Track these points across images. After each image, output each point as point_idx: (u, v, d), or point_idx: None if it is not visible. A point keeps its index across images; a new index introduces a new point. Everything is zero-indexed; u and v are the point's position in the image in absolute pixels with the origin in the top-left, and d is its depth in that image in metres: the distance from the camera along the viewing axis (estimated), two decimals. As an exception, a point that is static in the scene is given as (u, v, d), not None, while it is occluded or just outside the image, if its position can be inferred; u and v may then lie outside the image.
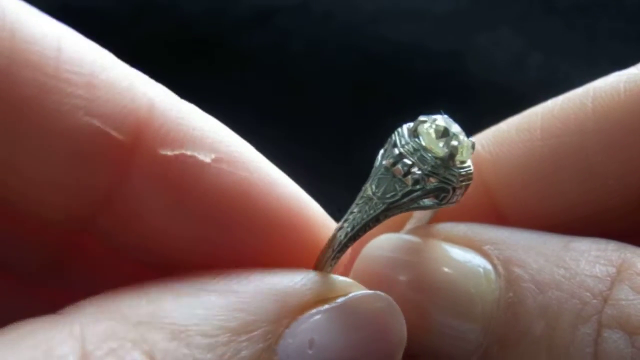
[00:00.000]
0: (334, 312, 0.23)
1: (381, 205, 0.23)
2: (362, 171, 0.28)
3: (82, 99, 0.21)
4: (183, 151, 0.22)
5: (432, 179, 0.23)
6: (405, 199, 0.23)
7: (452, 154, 0.23)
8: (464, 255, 0.25)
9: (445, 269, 0.25)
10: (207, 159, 0.22)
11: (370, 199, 0.24)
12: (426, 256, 0.25)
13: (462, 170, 0.24)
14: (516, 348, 0.24)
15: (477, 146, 0.27)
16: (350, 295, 0.23)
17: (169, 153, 0.22)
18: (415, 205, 0.24)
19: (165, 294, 0.21)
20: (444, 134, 0.24)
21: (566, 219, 0.27)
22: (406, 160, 0.23)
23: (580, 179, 0.26)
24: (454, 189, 0.24)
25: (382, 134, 0.29)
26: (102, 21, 0.60)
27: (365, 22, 0.60)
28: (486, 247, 0.26)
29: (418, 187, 0.23)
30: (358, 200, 0.24)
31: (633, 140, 0.26)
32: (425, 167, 0.23)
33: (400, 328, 0.23)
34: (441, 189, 0.24)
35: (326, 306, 0.22)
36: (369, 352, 0.23)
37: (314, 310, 0.22)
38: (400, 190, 0.23)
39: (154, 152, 0.22)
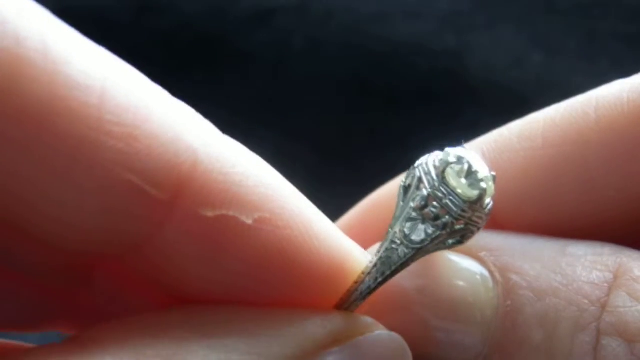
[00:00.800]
0: (347, 354, 0.23)
1: (410, 251, 0.23)
2: (361, 171, 0.28)
3: (123, 154, 0.19)
4: (224, 212, 0.20)
5: (460, 222, 0.23)
6: (434, 243, 0.24)
7: (481, 196, 0.23)
8: (461, 263, 0.25)
9: (443, 277, 0.25)
10: (249, 221, 0.21)
11: (399, 244, 0.23)
12: (424, 264, 0.25)
13: (487, 210, 0.24)
14: (516, 357, 0.24)
15: (479, 152, 0.27)
16: (366, 336, 0.23)
17: (210, 214, 0.20)
18: (441, 246, 0.24)
19: (188, 335, 0.21)
20: (471, 174, 0.23)
21: (565, 228, 0.26)
22: (435, 204, 0.23)
23: (581, 189, 0.26)
24: (479, 228, 0.24)
25: (382, 134, 0.29)
26: (102, 21, 0.60)
27: (365, 22, 0.60)
28: (483, 254, 0.25)
29: (447, 231, 0.23)
30: (387, 244, 0.24)
31: (636, 153, 0.25)
32: (455, 211, 0.23)
33: None
34: (468, 230, 0.24)
35: (339, 348, 0.22)
36: None
37: (329, 352, 0.22)
38: (430, 236, 0.23)
39: (194, 211, 0.20)
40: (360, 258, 0.24)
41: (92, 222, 0.19)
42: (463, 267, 0.25)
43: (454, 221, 0.23)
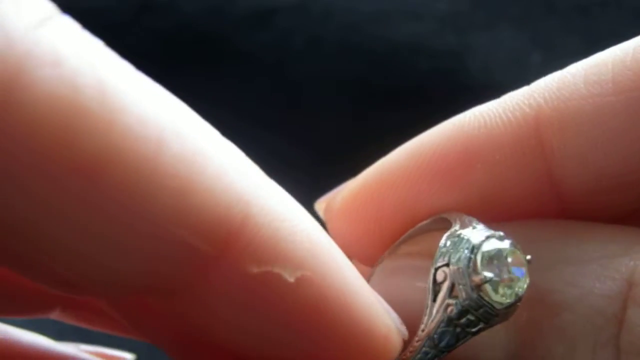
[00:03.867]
0: None
1: (441, 354, 0.23)
2: (361, 171, 0.28)
3: (176, 210, 0.18)
4: (269, 269, 0.19)
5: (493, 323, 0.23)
6: (463, 342, 0.23)
7: (518, 301, 0.23)
8: None
9: None
10: (291, 279, 0.20)
11: (433, 347, 0.23)
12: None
13: (518, 302, 0.23)
14: None
15: (540, 101, 0.25)
16: None
17: (255, 270, 0.19)
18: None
19: None
20: (509, 282, 0.23)
21: (637, 179, 0.24)
22: (471, 317, 0.23)
23: None
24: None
25: (382, 134, 0.29)
26: (102, 21, 0.60)
27: (365, 22, 0.60)
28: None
29: (479, 333, 0.23)
30: (424, 346, 0.23)
31: None
32: (492, 319, 0.23)
33: None
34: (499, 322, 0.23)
35: None
36: None
37: None
38: (461, 340, 0.23)
39: (239, 266, 0.19)
40: (393, 330, 0.23)
41: (133, 270, 0.18)
42: None
43: (491, 326, 0.23)
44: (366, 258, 0.27)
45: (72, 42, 0.17)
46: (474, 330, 0.23)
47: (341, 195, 0.28)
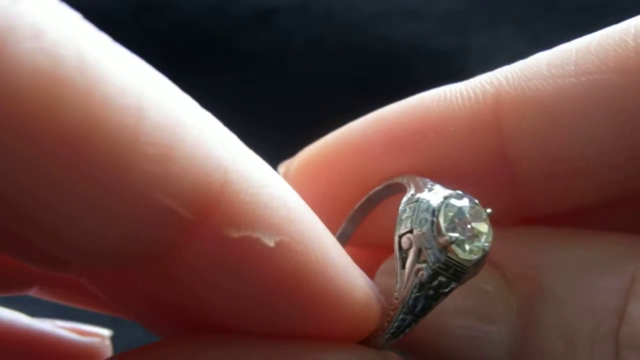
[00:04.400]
0: None
1: (417, 318, 0.23)
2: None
3: (157, 176, 0.18)
4: (248, 233, 0.20)
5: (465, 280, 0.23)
6: (437, 304, 0.23)
7: (485, 255, 0.23)
8: None
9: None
10: (271, 243, 0.20)
11: (409, 313, 0.23)
12: None
13: (484, 256, 0.23)
14: None
15: (502, 79, 0.25)
16: None
17: (234, 235, 0.19)
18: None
19: None
20: (473, 237, 0.23)
21: (594, 166, 0.24)
22: (442, 279, 0.23)
23: (616, 121, 0.24)
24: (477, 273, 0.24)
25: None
26: (102, 20, 0.60)
27: (365, 22, 0.60)
28: (497, 259, 0.24)
29: (452, 292, 0.23)
30: (400, 314, 0.23)
31: None
32: (463, 276, 0.23)
33: None
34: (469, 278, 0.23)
35: None
36: None
37: None
38: (436, 302, 0.23)
39: (219, 231, 0.19)
40: (373, 298, 0.23)
41: (116, 235, 0.18)
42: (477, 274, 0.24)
43: (463, 283, 0.23)
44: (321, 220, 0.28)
45: (51, 14, 0.17)
46: (446, 290, 0.23)
47: (298, 159, 0.29)
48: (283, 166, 0.29)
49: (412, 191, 0.24)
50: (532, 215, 0.27)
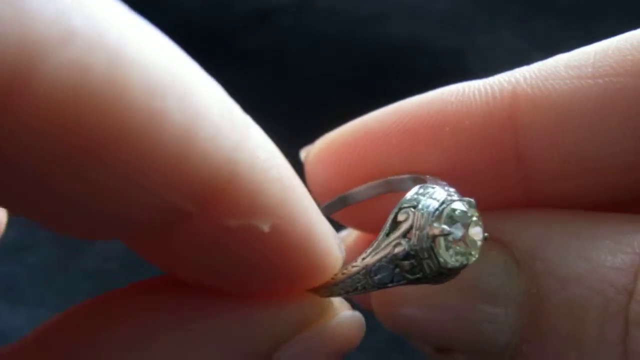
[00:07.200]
0: (316, 338, 0.24)
1: (371, 287, 0.23)
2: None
3: (168, 177, 0.18)
4: (246, 222, 0.20)
5: (433, 280, 0.23)
6: (399, 285, 0.23)
7: (462, 267, 0.23)
8: (484, 249, 0.24)
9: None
10: (266, 228, 0.20)
11: (366, 275, 0.23)
12: None
13: (458, 270, 0.23)
14: (546, 346, 0.23)
15: (520, 78, 0.25)
16: (333, 320, 0.24)
17: (233, 224, 0.20)
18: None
19: (181, 343, 0.22)
20: (463, 241, 0.23)
21: (607, 166, 0.25)
22: (414, 262, 0.23)
23: (632, 123, 0.24)
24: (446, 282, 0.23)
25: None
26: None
27: (365, 22, 0.60)
28: (506, 240, 0.24)
29: (414, 283, 0.23)
30: (358, 273, 0.23)
31: None
32: (431, 274, 0.23)
33: (359, 340, 0.25)
34: (436, 282, 0.23)
35: (310, 333, 0.24)
36: None
37: (297, 338, 0.23)
38: (396, 282, 0.23)
39: (218, 220, 0.20)
40: (340, 260, 0.24)
41: (131, 221, 0.19)
42: (486, 254, 0.24)
43: (427, 280, 0.23)
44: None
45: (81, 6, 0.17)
46: (410, 277, 0.23)
47: (318, 144, 0.30)
48: (304, 151, 0.30)
49: (431, 182, 0.24)
50: None
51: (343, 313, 0.24)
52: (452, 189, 0.24)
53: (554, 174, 0.25)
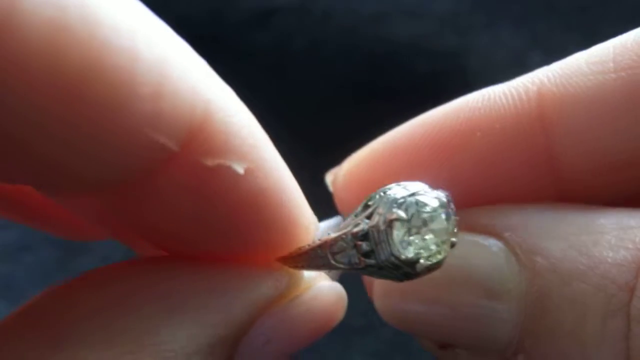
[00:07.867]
0: (293, 310, 0.24)
1: (334, 268, 0.24)
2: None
3: (148, 115, 0.19)
4: (222, 162, 0.21)
5: (386, 270, 0.23)
6: (354, 271, 0.23)
7: (414, 262, 0.22)
8: (485, 244, 0.25)
9: (465, 258, 0.24)
10: (241, 171, 0.21)
11: (328, 254, 0.23)
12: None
13: (420, 270, 0.22)
14: (548, 343, 0.23)
15: (543, 78, 0.26)
16: (309, 291, 0.25)
17: (210, 163, 0.21)
18: (366, 274, 0.24)
19: (157, 312, 0.22)
20: (420, 236, 0.22)
21: (637, 159, 0.25)
22: (367, 246, 0.22)
23: None
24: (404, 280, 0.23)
25: (382, 134, 0.29)
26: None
27: (365, 22, 0.60)
28: (507, 235, 0.24)
29: (368, 270, 0.23)
30: (323, 242, 0.24)
31: None
32: (383, 260, 0.22)
33: (342, 313, 0.25)
34: (392, 275, 0.23)
35: (286, 304, 0.24)
36: (315, 337, 0.25)
37: (273, 310, 0.24)
38: (350, 265, 0.23)
39: (196, 160, 0.21)
40: (313, 223, 0.24)
41: (106, 166, 0.20)
42: (487, 249, 0.24)
43: (379, 267, 0.22)
44: None
45: None
46: (365, 262, 0.23)
47: (346, 165, 0.29)
48: (331, 174, 0.30)
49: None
50: None
51: (321, 283, 0.25)
52: (443, 193, 0.23)
53: (588, 170, 0.25)
